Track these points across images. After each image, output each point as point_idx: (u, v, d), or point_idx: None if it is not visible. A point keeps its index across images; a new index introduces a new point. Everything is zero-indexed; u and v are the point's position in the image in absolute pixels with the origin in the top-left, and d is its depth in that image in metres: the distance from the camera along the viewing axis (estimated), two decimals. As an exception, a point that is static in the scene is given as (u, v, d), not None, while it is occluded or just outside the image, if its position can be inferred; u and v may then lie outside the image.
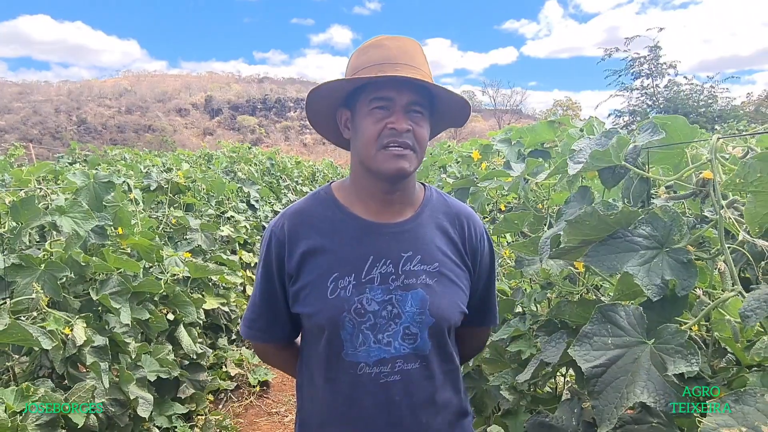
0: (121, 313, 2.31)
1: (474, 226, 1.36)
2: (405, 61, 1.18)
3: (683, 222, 1.20)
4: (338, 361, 1.23)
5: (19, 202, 2.01)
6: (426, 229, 1.28)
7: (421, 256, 1.25)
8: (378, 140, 1.17)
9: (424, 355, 1.24)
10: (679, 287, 1.15)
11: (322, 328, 1.23)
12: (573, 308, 1.67)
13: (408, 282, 1.23)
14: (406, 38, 1.23)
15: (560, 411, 1.59)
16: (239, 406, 3.63)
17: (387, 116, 1.17)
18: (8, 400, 1.62)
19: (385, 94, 1.16)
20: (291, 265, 1.26)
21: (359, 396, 1.22)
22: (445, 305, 1.25)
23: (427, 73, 1.21)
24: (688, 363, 1.00)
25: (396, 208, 1.28)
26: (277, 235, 1.28)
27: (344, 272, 1.21)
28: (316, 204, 1.31)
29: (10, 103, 79.44)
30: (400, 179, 1.22)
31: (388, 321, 1.21)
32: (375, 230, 1.25)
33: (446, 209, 1.34)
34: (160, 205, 4.06)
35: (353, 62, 1.24)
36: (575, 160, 1.29)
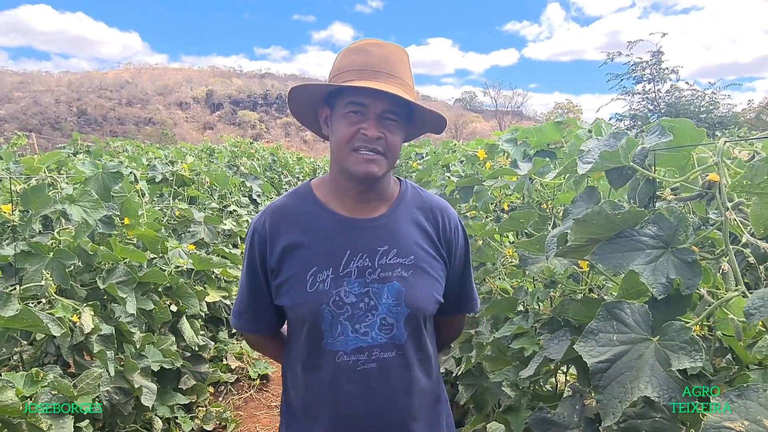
0: (127, 302, 2.34)
1: (448, 218, 1.41)
2: (385, 69, 1.22)
3: (689, 223, 1.23)
4: (319, 350, 1.29)
5: (29, 190, 2.03)
6: (401, 224, 1.33)
7: (397, 249, 1.30)
8: (350, 143, 1.22)
9: (400, 344, 1.30)
10: (684, 286, 1.18)
11: (303, 320, 1.30)
12: (577, 306, 1.70)
13: (384, 275, 1.28)
14: (392, 45, 1.26)
15: (562, 407, 1.61)
16: (239, 398, 3.65)
17: (361, 121, 1.21)
18: (18, 384, 1.63)
19: (361, 100, 1.21)
20: (272, 259, 1.31)
21: (339, 382, 1.29)
22: (420, 296, 1.30)
23: (407, 83, 1.24)
24: (692, 359, 1.02)
25: (371, 204, 1.33)
26: (259, 231, 1.34)
27: (323, 266, 1.27)
28: (296, 200, 1.36)
29: (11, 93, 79.24)
30: (369, 182, 1.27)
31: (365, 312, 1.27)
32: (352, 225, 1.31)
33: (420, 203, 1.39)
34: (163, 198, 4.08)
35: (337, 62, 1.28)
36: (584, 160, 1.32)
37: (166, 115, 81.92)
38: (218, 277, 3.93)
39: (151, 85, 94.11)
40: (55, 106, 77.93)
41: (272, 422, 3.40)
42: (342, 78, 1.23)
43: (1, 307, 1.66)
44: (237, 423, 3.29)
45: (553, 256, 1.50)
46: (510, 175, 2.16)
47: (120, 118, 78.67)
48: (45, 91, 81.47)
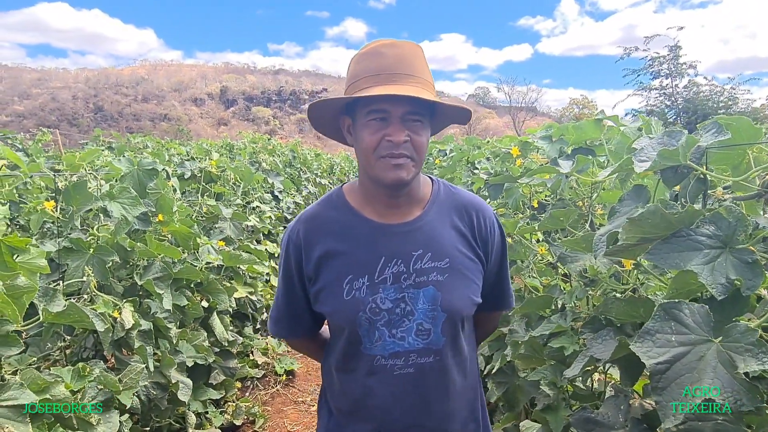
0: (163, 298, 2.36)
1: (483, 216, 1.38)
2: (401, 69, 1.19)
3: (748, 222, 1.21)
4: (357, 353, 1.30)
5: (71, 187, 2.05)
6: (435, 226, 1.32)
7: (432, 253, 1.29)
8: (376, 151, 1.21)
9: (437, 349, 1.29)
10: (744, 287, 1.16)
11: (341, 326, 1.31)
12: (620, 306, 1.68)
13: (419, 280, 1.27)
14: (405, 43, 1.23)
15: (606, 407, 1.60)
16: (266, 394, 3.68)
17: (384, 127, 1.19)
18: (66, 379, 1.66)
19: (381, 106, 1.18)
20: (309, 268, 1.32)
21: (375, 386, 1.29)
22: (456, 300, 1.29)
23: (424, 80, 1.21)
24: (760, 361, 1.01)
25: (403, 208, 1.32)
26: (293, 240, 1.35)
27: (358, 274, 1.27)
28: (329, 208, 1.36)
29: (29, 89, 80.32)
30: (399, 188, 1.25)
31: (401, 317, 1.27)
32: (385, 231, 1.30)
33: (454, 203, 1.37)
34: (187, 195, 4.10)
35: (352, 69, 1.26)
36: (640, 159, 1.30)
37: (181, 111, 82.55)
38: (244, 273, 3.95)
39: (166, 82, 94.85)
40: (73, 103, 78.85)
41: (299, 417, 3.43)
42: (358, 86, 1.21)
43: (49, 303, 1.69)
44: (265, 418, 3.31)
45: (601, 255, 1.49)
46: (546, 173, 2.14)
47: (136, 114, 79.40)
48: (62, 88, 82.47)
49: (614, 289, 1.88)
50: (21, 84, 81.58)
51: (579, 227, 2.06)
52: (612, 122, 1.87)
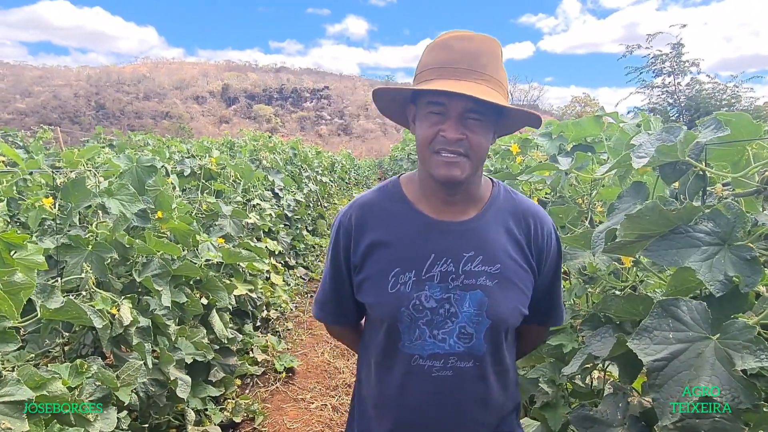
0: (162, 295, 2.36)
1: (541, 225, 1.34)
2: (467, 65, 1.14)
3: (747, 219, 1.20)
4: (395, 350, 1.27)
5: (70, 184, 2.05)
6: (490, 229, 1.27)
7: (483, 256, 1.24)
8: (431, 145, 1.18)
9: (478, 355, 1.25)
10: (743, 284, 1.15)
11: (382, 319, 1.28)
12: (619, 303, 1.67)
13: (467, 282, 1.23)
14: (479, 37, 1.17)
15: (604, 405, 1.59)
16: (265, 391, 3.68)
17: (441, 122, 1.16)
18: (64, 375, 1.66)
19: (439, 100, 1.16)
20: (356, 255, 1.29)
21: (411, 385, 1.26)
22: (503, 308, 1.25)
23: (493, 78, 1.16)
24: (758, 359, 1.00)
25: (460, 206, 1.28)
26: (344, 225, 1.32)
27: (405, 268, 1.24)
28: (383, 197, 1.33)
29: (31, 87, 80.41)
30: (452, 186, 1.22)
31: (444, 318, 1.23)
32: (438, 228, 1.26)
33: (512, 208, 1.32)
34: (186, 192, 4.10)
35: (422, 59, 1.23)
36: (639, 155, 1.30)
37: (183, 109, 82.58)
38: (244, 270, 3.95)
39: (168, 80, 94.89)
40: (74, 100, 78.93)
41: (299, 415, 3.43)
42: (423, 77, 1.18)
43: (47, 299, 1.69)
44: (265, 416, 3.31)
45: (600, 252, 1.49)
46: (545, 170, 2.14)
47: (137, 112, 79.46)
48: (64, 86, 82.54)
49: (613, 286, 1.87)
50: (23, 82, 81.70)
51: (579, 224, 2.05)
52: (612, 119, 1.86)
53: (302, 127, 79.18)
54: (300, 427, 3.28)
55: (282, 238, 5.73)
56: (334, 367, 4.21)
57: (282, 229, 5.86)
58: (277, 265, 5.31)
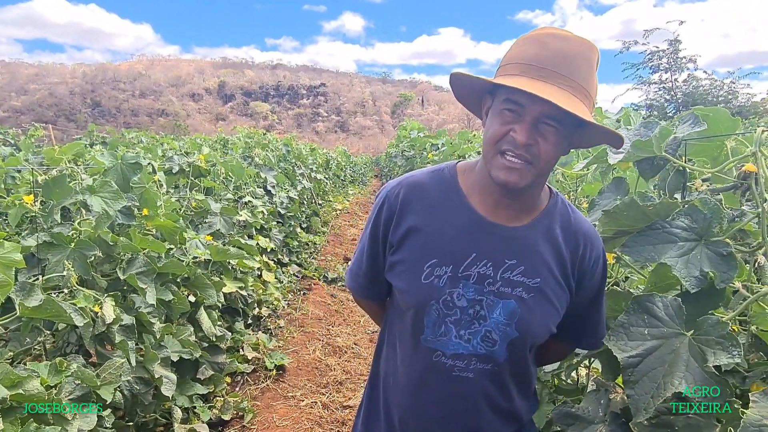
0: (147, 293, 2.34)
1: (592, 247, 1.27)
2: (556, 67, 1.07)
3: (724, 214, 1.19)
4: (416, 343, 1.24)
5: (51, 181, 2.04)
6: (538, 240, 1.22)
7: (525, 267, 1.20)
8: (497, 144, 1.12)
9: (498, 362, 1.22)
10: (718, 280, 1.15)
11: (408, 307, 1.24)
12: (602, 300, 1.67)
13: (504, 290, 1.19)
14: (577, 39, 1.10)
15: (586, 402, 1.59)
16: (256, 389, 3.67)
17: (514, 122, 1.10)
18: (43, 374, 1.65)
19: (518, 99, 1.08)
20: (395, 235, 1.25)
21: (430, 382, 1.24)
22: (534, 324, 1.20)
23: (580, 86, 1.08)
24: (730, 355, 1.00)
25: (513, 211, 1.22)
26: (390, 200, 1.27)
27: (443, 261, 1.20)
28: (436, 182, 1.28)
29: (26, 85, 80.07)
30: (510, 191, 1.16)
31: (472, 319, 1.20)
32: (485, 228, 1.21)
33: (566, 224, 1.25)
34: (179, 189, 4.09)
35: (511, 50, 1.16)
36: (615, 150, 1.29)
37: (179, 107, 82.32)
38: (234, 268, 3.94)
39: (164, 77, 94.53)
40: (70, 98, 78.61)
41: (288, 412, 3.42)
42: (507, 70, 1.12)
43: (25, 298, 1.67)
44: (254, 413, 3.30)
45: (579, 249, 1.48)
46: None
47: (133, 110, 79.21)
48: (60, 83, 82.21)
49: (597, 282, 1.86)
50: (18, 79, 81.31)
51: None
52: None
53: (299, 124, 79.00)
54: (289, 425, 3.27)
55: (275, 236, 5.72)
56: (326, 365, 4.21)
57: (275, 226, 5.84)
58: (270, 262, 5.29)
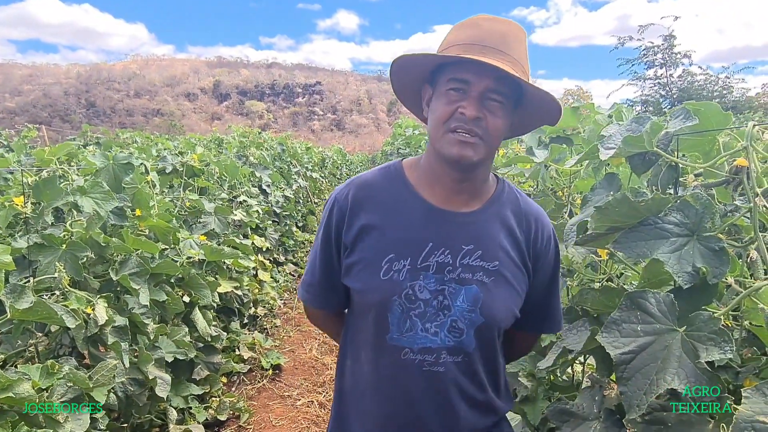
0: (140, 294, 2.33)
1: (542, 228, 1.30)
2: (495, 44, 1.11)
3: (716, 209, 1.19)
4: (382, 343, 1.21)
5: (41, 182, 2.02)
6: (491, 224, 1.23)
7: (482, 251, 1.20)
8: (446, 123, 1.13)
9: (467, 351, 1.21)
10: (711, 275, 1.14)
11: (369, 307, 1.21)
12: (595, 296, 1.67)
13: (464, 276, 1.19)
14: (507, 21, 1.15)
15: (581, 398, 1.58)
16: (252, 389, 3.66)
17: (461, 99, 1.12)
18: (34, 376, 1.63)
19: (463, 76, 1.11)
20: (348, 236, 1.23)
21: (402, 380, 1.21)
22: (498, 307, 1.21)
23: (518, 62, 1.13)
24: (722, 350, 0.99)
25: (463, 197, 1.23)
26: (340, 202, 1.26)
27: (400, 255, 1.18)
28: (384, 179, 1.28)
29: (20, 85, 79.72)
30: (463, 167, 1.17)
31: (437, 311, 1.19)
32: (439, 217, 1.22)
33: (515, 207, 1.28)
34: (173, 189, 4.07)
35: (447, 38, 1.19)
36: (607, 146, 1.28)
37: (174, 106, 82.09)
38: (229, 267, 3.93)
39: (159, 77, 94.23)
40: (64, 99, 78.31)
41: (285, 412, 3.41)
42: (448, 53, 1.14)
43: (16, 300, 1.66)
44: (250, 413, 3.30)
45: (572, 245, 1.47)
46: (524, 163, 2.12)
47: (128, 110, 78.97)
48: (54, 84, 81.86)
49: (591, 279, 1.86)
50: (12, 80, 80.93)
51: (558, 217, 2.04)
52: (587, 109, 1.84)
53: (295, 122, 78.87)
54: (286, 425, 3.27)
55: (270, 235, 5.70)
56: (322, 364, 4.20)
57: (270, 225, 5.83)
58: (265, 261, 5.28)
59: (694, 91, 22.65)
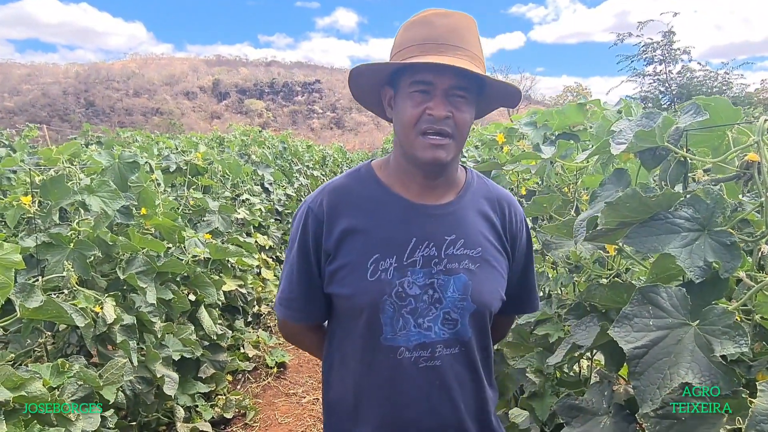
0: (147, 292, 2.34)
1: (515, 211, 1.33)
2: (451, 41, 1.12)
3: (727, 204, 1.19)
4: (376, 345, 1.20)
5: (49, 182, 2.02)
6: (469, 212, 1.25)
7: (464, 240, 1.22)
8: (416, 126, 1.13)
9: (464, 341, 1.22)
10: (722, 270, 1.15)
11: (360, 311, 1.20)
12: (604, 291, 1.67)
13: (451, 266, 1.20)
14: (457, 13, 1.16)
15: (590, 394, 1.59)
16: (257, 386, 3.67)
17: (426, 100, 1.12)
18: (45, 375, 1.64)
19: (425, 77, 1.11)
20: (329, 243, 1.22)
21: (399, 380, 1.20)
22: (487, 292, 1.23)
23: (475, 54, 1.15)
24: (737, 344, 1.00)
25: (438, 191, 1.25)
26: (314, 211, 1.24)
27: (386, 254, 1.18)
28: (356, 181, 1.28)
29: (19, 85, 79.61)
30: (436, 169, 1.19)
31: (428, 305, 1.19)
32: (418, 211, 1.22)
33: (487, 193, 1.31)
34: (175, 188, 4.07)
35: (398, 38, 1.19)
36: (617, 141, 1.29)
37: (174, 105, 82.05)
38: (233, 266, 3.93)
39: (158, 76, 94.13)
40: (63, 98, 78.27)
41: (290, 409, 3.42)
42: (403, 55, 1.14)
43: (26, 299, 1.66)
44: (256, 411, 3.31)
45: (581, 241, 1.48)
46: (530, 159, 2.12)
47: (128, 109, 78.93)
48: (53, 83, 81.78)
49: (599, 274, 1.86)
50: (10, 80, 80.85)
51: (564, 213, 2.04)
52: (594, 105, 1.85)
53: (294, 121, 78.85)
54: (291, 422, 3.28)
55: (273, 233, 5.71)
56: (327, 361, 4.21)
57: (272, 223, 5.84)
58: (268, 259, 5.29)
59: (693, 88, 22.64)
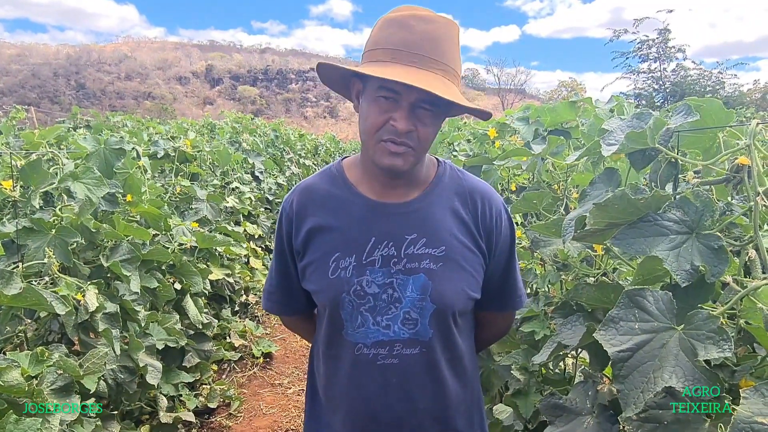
0: (131, 280, 2.31)
1: (489, 204, 1.29)
2: (427, 51, 1.08)
3: (715, 207, 1.18)
4: (339, 339, 1.24)
5: (27, 166, 1.98)
6: (434, 210, 1.23)
7: (427, 238, 1.21)
8: (377, 133, 1.12)
9: (424, 341, 1.22)
10: (709, 274, 1.14)
11: (324, 306, 1.25)
12: (591, 291, 1.66)
13: (410, 266, 1.19)
14: (440, 19, 1.11)
15: (574, 393, 1.59)
16: (243, 376, 3.66)
17: (392, 109, 1.10)
18: (23, 364, 1.61)
19: (393, 87, 1.08)
20: (298, 241, 1.27)
21: (357, 376, 1.24)
22: (448, 291, 1.21)
23: (449, 67, 1.11)
24: (720, 349, 0.99)
25: (401, 189, 1.24)
26: (287, 211, 1.29)
27: (346, 253, 1.21)
28: (325, 181, 1.30)
29: (8, 65, 78.45)
30: (394, 174, 1.19)
31: (388, 304, 1.20)
32: (380, 211, 1.23)
33: (459, 188, 1.28)
34: (164, 174, 4.02)
35: (375, 34, 1.15)
36: (609, 142, 1.27)
37: (166, 90, 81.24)
38: (221, 254, 3.90)
39: (150, 59, 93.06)
40: (54, 80, 77.26)
41: (276, 400, 3.41)
42: (376, 55, 1.11)
43: (4, 286, 1.63)
44: (241, 401, 3.29)
45: (570, 240, 1.47)
46: (521, 156, 2.11)
47: (119, 93, 78.09)
48: (43, 64, 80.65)
49: (586, 273, 1.86)
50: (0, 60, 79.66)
51: (554, 211, 2.03)
52: (585, 103, 1.83)
53: (288, 109, 78.38)
54: (276, 412, 3.27)
55: (262, 222, 5.67)
56: (313, 352, 4.21)
57: (262, 212, 5.80)
58: (257, 249, 5.25)
59: (687, 86, 22.75)
